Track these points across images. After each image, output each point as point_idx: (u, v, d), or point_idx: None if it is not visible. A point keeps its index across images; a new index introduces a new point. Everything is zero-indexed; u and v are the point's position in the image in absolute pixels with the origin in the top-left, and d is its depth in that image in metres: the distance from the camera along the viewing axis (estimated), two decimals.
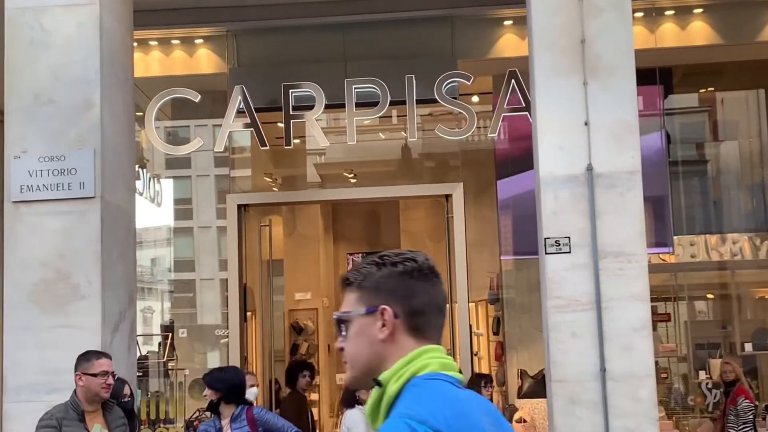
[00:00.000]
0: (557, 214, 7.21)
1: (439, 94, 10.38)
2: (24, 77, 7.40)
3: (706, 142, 13.86)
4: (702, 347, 13.37)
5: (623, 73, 7.29)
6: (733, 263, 13.18)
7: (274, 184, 14.03)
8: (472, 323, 11.92)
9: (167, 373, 13.41)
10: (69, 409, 5.39)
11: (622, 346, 7.01)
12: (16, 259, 7.21)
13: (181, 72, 11.71)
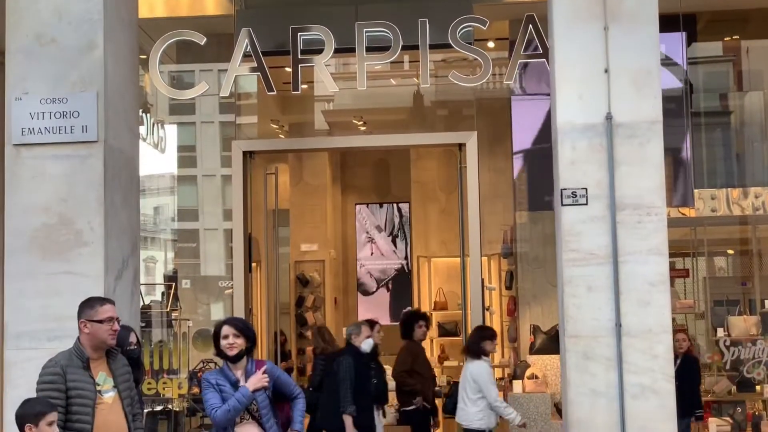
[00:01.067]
0: (575, 164, 7.21)
1: (453, 39, 10.35)
2: (25, 17, 7.38)
3: (729, 92, 13.80)
4: (721, 304, 13.43)
5: (646, 18, 7.26)
6: (755, 218, 13.19)
7: (281, 131, 14.07)
8: (484, 277, 11.97)
9: (170, 323, 13.54)
10: (73, 357, 5.43)
11: (638, 301, 7.04)
12: (17, 204, 7.23)
13: (186, 13, 11.72)
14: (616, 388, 6.99)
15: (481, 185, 11.52)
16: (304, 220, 16.53)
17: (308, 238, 16.52)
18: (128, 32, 7.91)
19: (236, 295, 11.69)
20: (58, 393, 5.25)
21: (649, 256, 7.08)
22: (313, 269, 16.54)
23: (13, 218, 7.24)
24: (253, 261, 12.06)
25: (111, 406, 5.41)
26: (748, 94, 13.73)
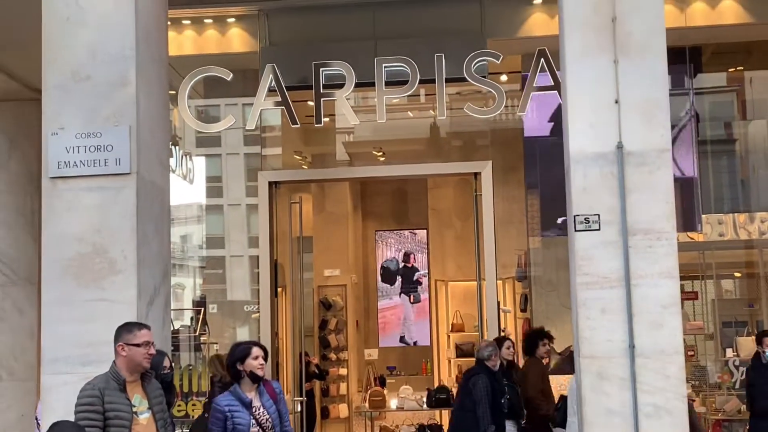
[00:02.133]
0: (587, 191, 7.19)
1: (468, 73, 10.38)
2: (61, 55, 7.42)
3: (734, 120, 13.78)
4: (729, 325, 13.37)
5: (654, 51, 7.25)
6: (761, 242, 13.13)
7: (304, 162, 14.09)
8: (499, 300, 11.94)
9: (199, 347, 13.55)
10: (110, 380, 5.43)
11: (651, 323, 7.00)
12: (54, 235, 7.25)
13: (213, 51, 11.75)
14: (630, 407, 6.94)
15: (495, 212, 11.51)
16: (327, 246, 16.55)
17: (331, 264, 16.52)
18: (159, 69, 7.94)
19: (263, 319, 11.69)
20: (96, 415, 5.26)
21: (661, 280, 7.04)
22: (336, 293, 16.54)
23: (50, 248, 7.25)
24: (278, 286, 12.07)
25: (146, 427, 5.41)
26: (752, 123, 13.71)
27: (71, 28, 7.43)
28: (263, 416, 6.22)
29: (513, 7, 11.53)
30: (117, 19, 7.40)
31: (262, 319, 11.70)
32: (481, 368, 9.35)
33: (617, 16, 7.25)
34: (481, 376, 9.23)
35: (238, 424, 6.10)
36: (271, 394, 6.42)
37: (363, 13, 11.48)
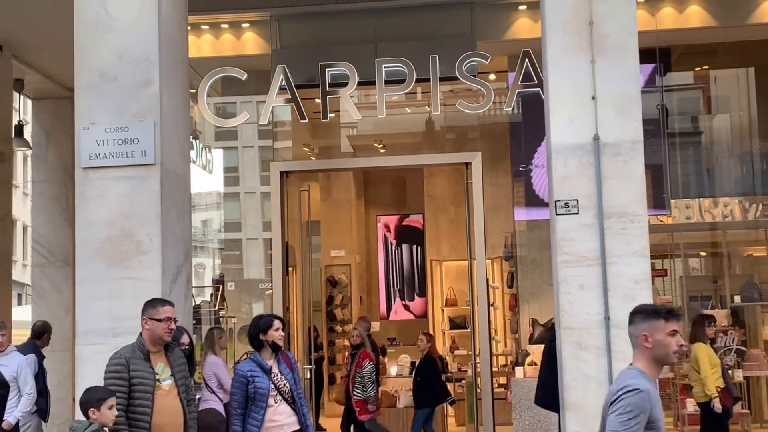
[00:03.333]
0: (567, 179, 7.19)
1: (460, 72, 10.36)
2: (91, 57, 7.41)
3: (700, 115, 13.78)
4: (696, 299, 13.39)
5: (627, 52, 7.23)
6: (724, 224, 13.14)
7: (312, 154, 14.08)
8: (488, 277, 11.95)
9: (218, 320, 13.58)
10: (136, 350, 5.45)
11: (624, 297, 6.99)
12: (86, 220, 7.26)
13: (229, 53, 11.73)
14: (605, 373, 6.94)
15: (485, 198, 11.50)
16: (333, 229, 16.55)
17: (336, 246, 16.53)
18: (180, 70, 7.93)
19: (275, 295, 11.69)
20: (122, 381, 5.28)
21: (633, 258, 7.04)
22: (341, 272, 16.55)
23: (83, 232, 7.26)
24: (289, 266, 12.07)
25: (168, 392, 5.42)
26: (716, 117, 13.71)
27: (100, 34, 7.42)
28: (281, 381, 6.22)
29: (500, 13, 11.51)
30: (141, 26, 7.39)
31: (274, 296, 11.71)
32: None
33: (594, 20, 7.23)
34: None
35: (259, 387, 6.11)
36: (287, 362, 6.43)
37: (365, 18, 11.46)
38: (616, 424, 3.77)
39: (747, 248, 14.03)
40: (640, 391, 3.80)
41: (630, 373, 3.97)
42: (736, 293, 13.00)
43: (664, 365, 4.08)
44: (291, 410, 6.12)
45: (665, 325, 3.94)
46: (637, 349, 4.03)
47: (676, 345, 3.97)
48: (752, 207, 12.97)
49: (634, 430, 3.74)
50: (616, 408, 3.80)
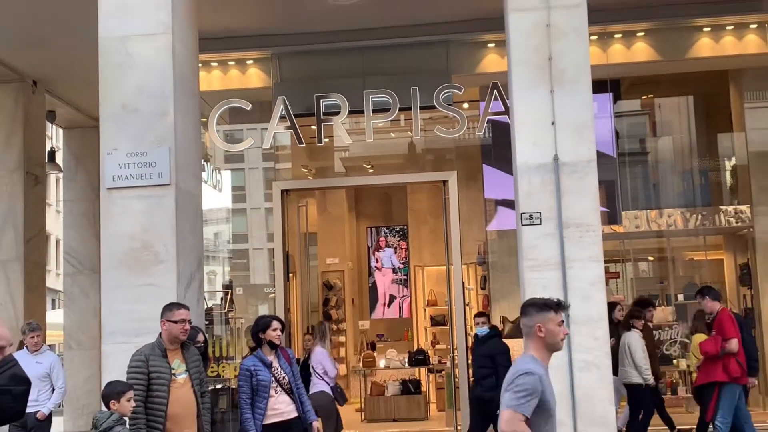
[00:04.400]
0: (531, 194, 7.21)
1: (437, 102, 10.37)
2: (114, 92, 7.42)
3: (647, 137, 13.83)
4: None
5: (582, 83, 7.28)
6: (669, 232, 13.18)
7: (309, 174, 14.05)
8: (464, 281, 11.93)
9: (227, 321, 13.53)
10: (155, 348, 5.43)
11: (581, 297, 7.02)
12: (110, 234, 7.25)
13: (235, 87, 11.72)
14: (566, 363, 6.96)
15: (460, 211, 11.52)
16: (328, 240, 16.51)
17: (331, 254, 16.49)
18: (192, 101, 7.94)
19: (278, 298, 11.66)
20: (142, 375, 5.26)
21: (589, 263, 7.07)
22: (336, 277, 16.50)
23: (107, 244, 7.25)
24: (290, 272, 12.04)
25: (182, 385, 5.41)
26: (661, 139, 13.77)
27: (122, 71, 7.43)
28: (281, 375, 6.21)
29: (472, 50, 11.55)
30: (158, 64, 7.40)
31: (277, 299, 11.67)
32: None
33: (552, 56, 7.27)
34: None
35: (261, 380, 6.10)
36: (286, 358, 6.41)
37: (354, 55, 11.48)
38: (511, 400, 3.74)
39: (688, 253, 14.07)
40: (533, 374, 3.78)
41: (524, 359, 3.94)
42: (679, 292, 13.05)
43: (554, 351, 4.03)
44: (290, 400, 6.11)
45: (555, 316, 3.93)
46: (530, 338, 3.97)
47: (563, 333, 3.96)
48: (692, 217, 13.01)
49: (526, 407, 3.70)
50: (511, 388, 3.77)
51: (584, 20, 7.33)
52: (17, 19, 10.55)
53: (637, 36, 11.36)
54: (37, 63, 11.92)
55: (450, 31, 11.09)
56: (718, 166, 13.52)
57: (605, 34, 11.21)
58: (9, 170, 12.16)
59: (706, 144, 13.50)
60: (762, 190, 12.52)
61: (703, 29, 11.31)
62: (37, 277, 12.44)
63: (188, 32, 7.86)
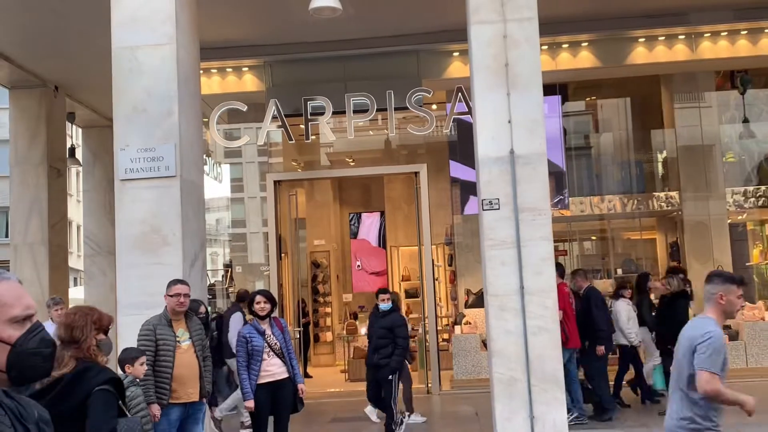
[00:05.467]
0: (490, 183, 7.20)
1: (409, 104, 10.37)
2: (126, 95, 7.33)
3: (590, 133, 13.90)
4: (589, 272, 13.51)
5: (534, 87, 7.26)
6: (609, 215, 13.29)
7: (298, 167, 14.01)
8: (433, 259, 11.96)
9: (228, 295, 13.49)
10: (162, 318, 5.40)
11: (533, 271, 7.03)
12: (123, 219, 7.18)
13: (233, 90, 11.64)
14: (521, 328, 6.97)
15: (430, 198, 11.52)
16: (315, 224, 16.47)
17: (318, 237, 16.45)
18: (195, 103, 7.86)
19: (271, 275, 11.65)
20: (150, 342, 5.23)
21: (541, 242, 7.08)
22: (322, 257, 16.48)
23: (121, 229, 7.18)
24: (282, 252, 12.02)
25: (186, 350, 5.38)
26: (602, 135, 13.85)
27: (132, 77, 7.33)
28: (273, 341, 6.18)
29: (439, 58, 11.53)
30: (164, 71, 7.31)
31: (271, 275, 11.67)
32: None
33: (508, 63, 7.26)
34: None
35: (255, 345, 6.07)
36: (278, 326, 6.39)
37: (336, 63, 11.43)
38: (703, 362, 3.64)
39: (626, 233, 14.19)
40: (719, 336, 3.72)
41: (708, 321, 3.81)
42: (618, 267, 13.17)
43: (728, 318, 3.97)
44: (281, 362, 6.09)
45: (736, 289, 3.83)
46: (711, 304, 3.86)
47: (740, 305, 3.89)
48: (629, 202, 13.11)
49: (717, 366, 3.64)
50: (700, 349, 3.67)
51: (536, 32, 7.32)
52: (41, 33, 10.43)
53: (581, 46, 11.39)
54: (58, 71, 11.81)
55: (420, 41, 11.07)
56: (651, 158, 13.63)
57: (554, 44, 11.23)
58: (34, 164, 12.09)
59: (641, 139, 13.60)
60: (689, 179, 12.63)
61: (639, 40, 11.36)
62: (60, 258, 12.36)
63: (190, 43, 7.77)
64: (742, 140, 13.32)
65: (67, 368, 3.41)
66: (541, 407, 6.90)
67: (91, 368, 3.42)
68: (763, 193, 12.91)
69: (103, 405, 3.31)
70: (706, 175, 12.57)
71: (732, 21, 11.02)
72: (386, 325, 7.79)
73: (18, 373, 1.33)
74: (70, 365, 3.42)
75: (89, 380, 3.34)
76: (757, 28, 11.23)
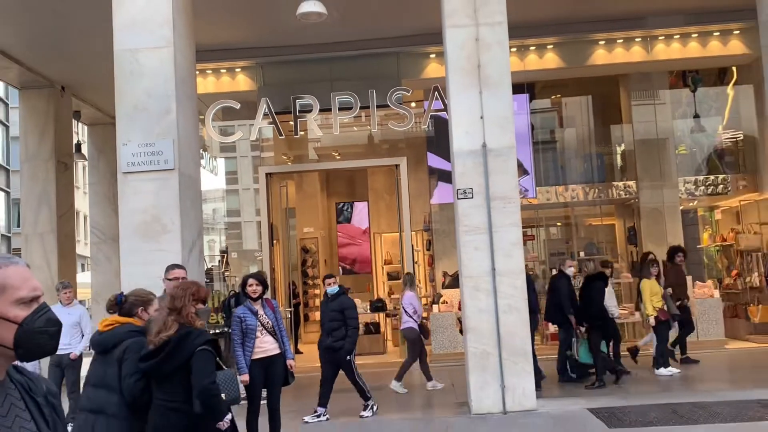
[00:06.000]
0: (464, 174, 7.23)
1: (390, 102, 10.36)
2: (127, 95, 7.26)
3: (555, 129, 13.95)
4: (555, 255, 13.57)
5: (504, 86, 7.28)
6: (572, 203, 13.35)
7: (288, 160, 13.96)
8: (413, 244, 11.98)
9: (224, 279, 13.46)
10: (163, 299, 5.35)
11: (504, 255, 7.07)
12: (126, 209, 7.13)
13: (227, 90, 11.58)
14: (493, 307, 7.02)
15: (409, 189, 11.53)
16: (304, 213, 16.42)
17: (307, 224, 16.41)
18: (191, 102, 7.80)
19: (264, 260, 11.61)
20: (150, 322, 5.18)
21: (510, 228, 7.12)
22: (311, 243, 16.43)
23: (124, 218, 7.13)
24: (274, 239, 12.00)
25: None
26: (567, 130, 13.90)
27: (133, 78, 7.26)
28: (265, 320, 6.15)
29: (417, 59, 11.52)
30: (162, 72, 7.25)
31: (264, 260, 11.64)
32: (564, 275, 9.24)
33: (481, 65, 7.27)
34: (563, 278, 9.13)
35: (249, 324, 6.03)
36: (270, 306, 6.35)
37: (323, 64, 11.40)
38: None
39: (588, 219, 14.27)
40: None
41: None
42: (581, 250, 13.23)
43: None
44: (273, 340, 6.06)
45: None
46: None
47: None
48: (591, 191, 13.18)
49: None
50: None
51: (505, 35, 7.33)
52: (48, 37, 10.32)
53: (547, 48, 11.42)
54: (65, 72, 11.70)
55: (400, 44, 11.06)
56: (610, 151, 13.70)
57: (522, 47, 11.25)
58: (43, 159, 12.00)
59: (601, 133, 13.66)
60: (645, 170, 12.72)
61: (599, 42, 11.41)
62: (68, 246, 12.29)
63: (187, 45, 7.70)
64: (693, 134, 13.43)
65: (171, 331, 3.78)
66: (511, 378, 6.96)
67: (191, 332, 3.80)
68: (712, 182, 13.03)
69: (204, 362, 3.73)
70: (660, 166, 12.66)
71: (683, 25, 11.10)
72: (336, 308, 7.67)
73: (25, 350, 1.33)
74: (173, 329, 3.79)
75: (191, 342, 3.75)
76: (706, 31, 11.31)
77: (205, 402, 3.68)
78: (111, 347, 3.83)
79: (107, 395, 3.73)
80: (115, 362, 3.76)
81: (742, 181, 12.88)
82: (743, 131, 13.16)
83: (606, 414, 6.74)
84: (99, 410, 3.72)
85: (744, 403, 6.85)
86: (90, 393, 3.83)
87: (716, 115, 13.42)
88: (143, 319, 3.97)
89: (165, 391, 3.73)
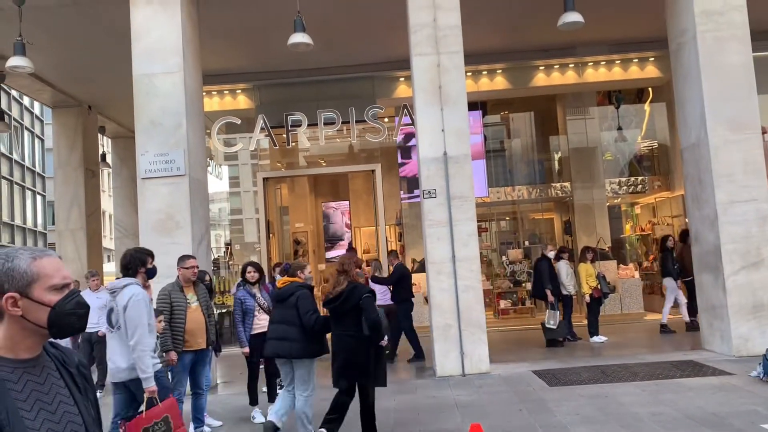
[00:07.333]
0: (429, 177, 7.26)
1: (367, 117, 10.36)
2: (144, 112, 7.18)
3: (504, 139, 14.03)
4: (504, 244, 13.66)
5: (461, 104, 7.32)
6: (518, 201, 13.44)
7: (282, 166, 13.88)
8: (387, 236, 12.00)
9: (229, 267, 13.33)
10: (175, 285, 5.29)
11: (462, 244, 7.13)
12: (145, 209, 7.06)
13: (229, 108, 11.48)
14: (453, 287, 7.07)
15: (384, 190, 11.53)
16: (296, 211, 16.35)
17: (299, 220, 16.31)
18: (199, 118, 7.73)
19: (262, 251, 11.56)
20: (165, 304, 5.15)
21: (467, 222, 7.17)
22: (302, 236, 16.37)
23: (143, 216, 7.06)
24: (270, 233, 11.93)
25: (195, 310, 5.29)
26: (513, 140, 13.97)
27: (150, 98, 7.19)
28: (261, 301, 6.13)
29: (389, 82, 11.51)
30: (174, 93, 7.19)
31: (262, 251, 11.58)
32: (545, 257, 9.27)
33: (442, 86, 7.30)
34: (544, 261, 9.19)
35: (248, 306, 6.01)
36: (266, 290, 6.33)
37: (311, 86, 11.35)
38: None
39: (531, 214, 14.38)
40: None
41: None
42: (526, 240, 13.34)
43: None
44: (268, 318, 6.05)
45: None
46: None
47: None
48: (534, 191, 13.29)
49: None
50: None
51: (462, 62, 7.37)
52: (77, 64, 10.16)
53: (497, 72, 11.49)
54: (91, 93, 11.53)
55: (375, 70, 11.06)
56: (549, 157, 13.82)
57: (476, 71, 11.31)
58: (74, 168, 11.85)
59: (542, 143, 13.77)
60: (578, 173, 12.86)
61: (540, 68, 11.51)
62: (95, 240, 12.13)
63: (195, 71, 7.63)
64: (617, 143, 13.60)
65: (343, 286, 4.69)
66: (469, 345, 7.02)
67: (357, 286, 4.71)
68: (633, 183, 13.22)
69: (370, 304, 4.60)
70: (590, 170, 12.82)
71: (608, 53, 11.24)
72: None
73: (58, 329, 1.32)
74: (344, 284, 4.70)
75: (359, 292, 4.65)
76: (627, 58, 11.47)
77: (373, 327, 4.55)
78: (287, 297, 4.83)
79: (287, 328, 4.75)
80: (292, 306, 4.77)
81: (657, 182, 13.09)
82: (658, 141, 13.37)
83: (547, 375, 6.82)
84: (283, 338, 4.74)
85: (659, 364, 6.98)
86: (277, 328, 4.82)
87: (636, 128, 13.61)
88: (301, 279, 4.93)
89: (343, 324, 4.68)
